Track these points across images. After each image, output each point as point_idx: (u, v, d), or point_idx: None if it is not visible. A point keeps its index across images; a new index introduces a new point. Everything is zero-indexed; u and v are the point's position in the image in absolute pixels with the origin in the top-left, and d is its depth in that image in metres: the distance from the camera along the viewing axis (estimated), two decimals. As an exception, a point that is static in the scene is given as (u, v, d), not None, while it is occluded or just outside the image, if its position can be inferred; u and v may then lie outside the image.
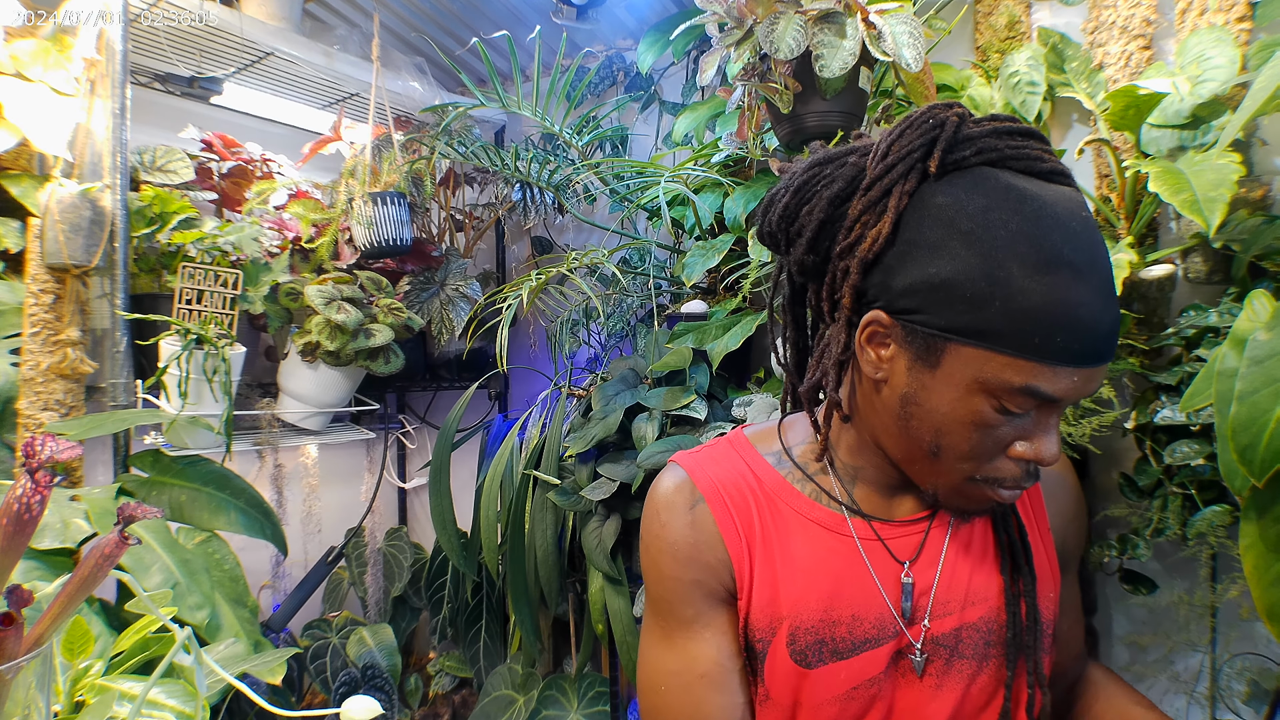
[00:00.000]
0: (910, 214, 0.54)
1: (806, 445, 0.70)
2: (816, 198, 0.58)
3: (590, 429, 1.32)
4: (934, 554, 0.65)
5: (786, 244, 0.62)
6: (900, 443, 0.59)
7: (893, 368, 0.56)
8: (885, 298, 0.55)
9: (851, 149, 0.59)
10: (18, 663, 0.40)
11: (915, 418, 0.56)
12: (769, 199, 0.62)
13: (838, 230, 0.57)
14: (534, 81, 1.50)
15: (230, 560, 1.15)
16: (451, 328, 1.77)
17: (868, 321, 0.56)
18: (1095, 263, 0.50)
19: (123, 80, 1.22)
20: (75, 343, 1.18)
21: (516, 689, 1.65)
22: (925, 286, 0.52)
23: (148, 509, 0.48)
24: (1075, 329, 0.49)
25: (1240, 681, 1.14)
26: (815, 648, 0.62)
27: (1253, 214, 1.07)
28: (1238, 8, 1.10)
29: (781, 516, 0.66)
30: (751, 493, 0.67)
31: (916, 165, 0.54)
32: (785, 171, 0.63)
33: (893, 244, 0.54)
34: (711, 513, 0.66)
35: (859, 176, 0.57)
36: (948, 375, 0.53)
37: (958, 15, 1.35)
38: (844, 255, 0.57)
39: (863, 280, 0.56)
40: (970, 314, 0.50)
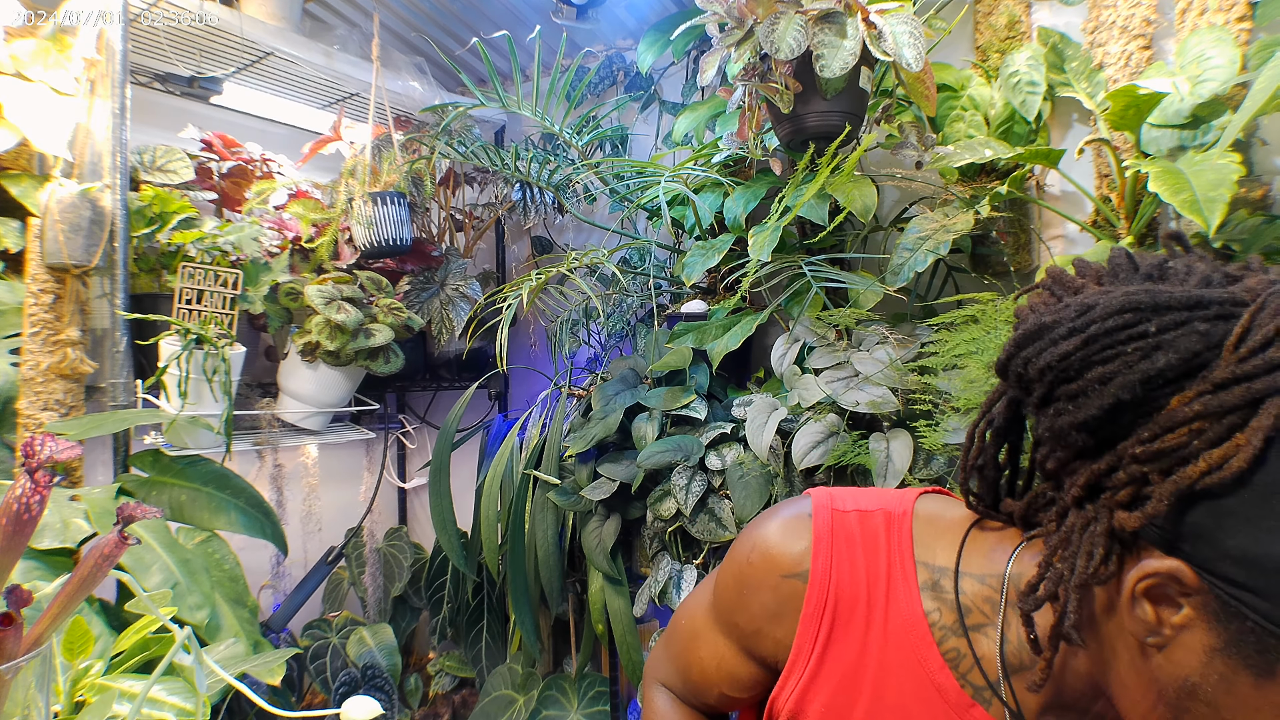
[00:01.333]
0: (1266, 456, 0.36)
1: (987, 585, 0.52)
2: (1123, 366, 0.40)
3: (590, 429, 1.32)
4: None
5: (1045, 400, 0.44)
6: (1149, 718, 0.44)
7: (1179, 640, 0.40)
8: (1202, 550, 0.39)
9: (1198, 301, 0.40)
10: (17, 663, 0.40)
11: (1197, 717, 0.41)
12: (1036, 328, 0.44)
13: (1141, 419, 0.40)
14: (534, 81, 1.50)
15: (230, 560, 1.15)
16: (451, 328, 1.77)
17: (1159, 571, 0.40)
18: None
19: (123, 80, 1.22)
20: (75, 343, 1.18)
21: (516, 689, 1.65)
22: (1266, 562, 0.36)
23: (147, 509, 0.48)
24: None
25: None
26: None
27: (1253, 214, 1.07)
28: (1238, 8, 1.10)
29: (892, 659, 0.53)
30: (869, 611, 0.54)
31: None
32: (1064, 288, 0.46)
33: (1244, 484, 0.37)
34: (805, 600, 0.55)
35: (1205, 355, 0.39)
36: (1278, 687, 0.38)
37: (958, 15, 1.35)
38: (1147, 460, 0.40)
39: (1171, 509, 0.39)
40: None
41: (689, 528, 1.19)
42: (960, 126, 1.28)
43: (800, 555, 0.56)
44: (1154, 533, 0.40)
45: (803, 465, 1.08)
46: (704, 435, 1.22)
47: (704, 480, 1.19)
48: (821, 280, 1.19)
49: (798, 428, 1.13)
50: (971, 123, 1.28)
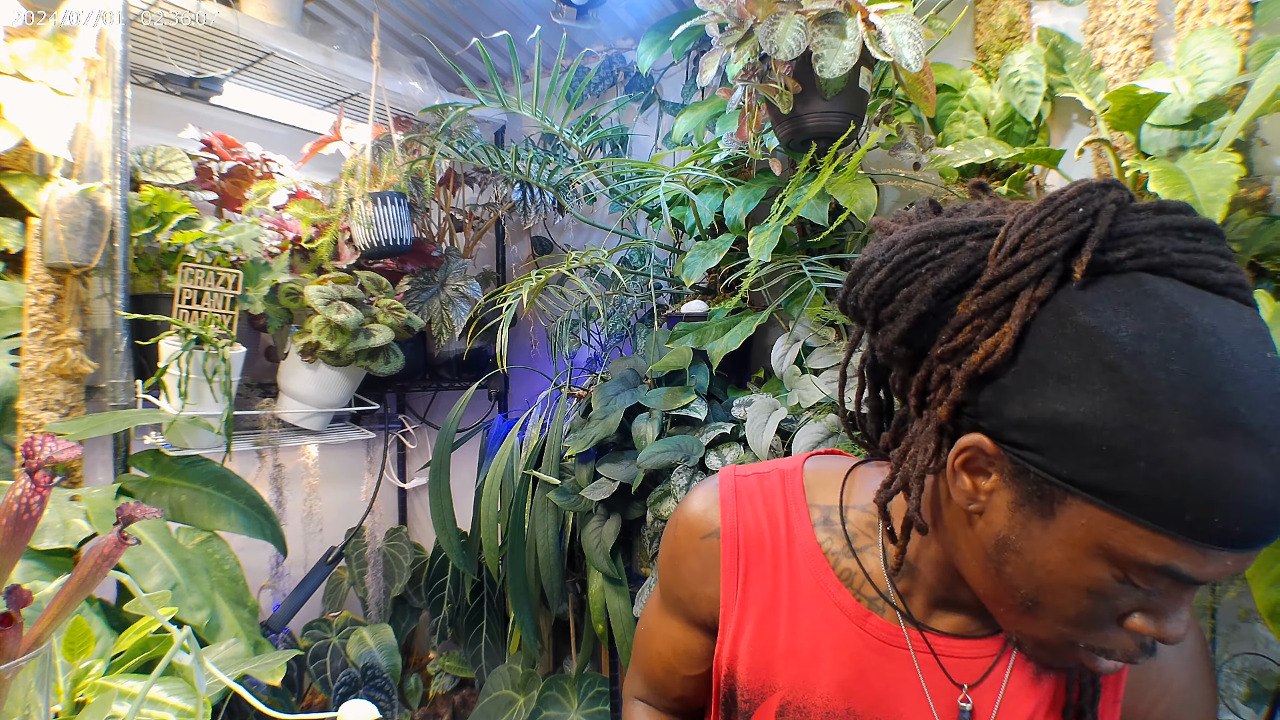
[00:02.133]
0: (1040, 327, 0.43)
1: (866, 511, 0.62)
2: (919, 283, 0.47)
3: (590, 429, 1.32)
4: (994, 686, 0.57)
5: (874, 325, 0.51)
6: (987, 584, 0.51)
7: (991, 502, 0.47)
8: (993, 422, 0.45)
9: (971, 225, 0.48)
10: (17, 663, 0.40)
11: (1012, 565, 0.47)
12: (859, 267, 0.52)
13: (940, 326, 0.48)
14: (534, 81, 1.50)
15: (230, 560, 1.15)
16: (451, 328, 1.77)
17: (967, 446, 0.47)
18: (1275, 429, 0.39)
19: (123, 80, 1.22)
20: (75, 343, 1.18)
21: (516, 689, 1.65)
22: (1049, 425, 0.42)
23: (147, 509, 0.48)
24: (1241, 510, 0.39)
25: (1240, 682, 1.14)
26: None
27: (1253, 214, 1.07)
28: (1238, 8, 1.10)
29: (800, 586, 0.61)
30: (774, 551, 0.62)
31: (1055, 266, 0.43)
32: (883, 232, 0.53)
33: (1013, 362, 0.44)
34: (720, 553, 0.64)
35: (977, 266, 0.46)
36: (1063, 531, 0.44)
37: (958, 15, 1.35)
38: (946, 359, 0.47)
39: (966, 393, 0.46)
40: (1105, 470, 0.41)
41: (689, 528, 1.19)
42: (960, 127, 1.28)
43: (712, 517, 0.65)
44: (965, 421, 0.48)
45: (803, 465, 1.07)
46: (704, 435, 1.22)
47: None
48: (821, 280, 1.19)
49: (798, 428, 1.13)
50: (971, 123, 1.28)
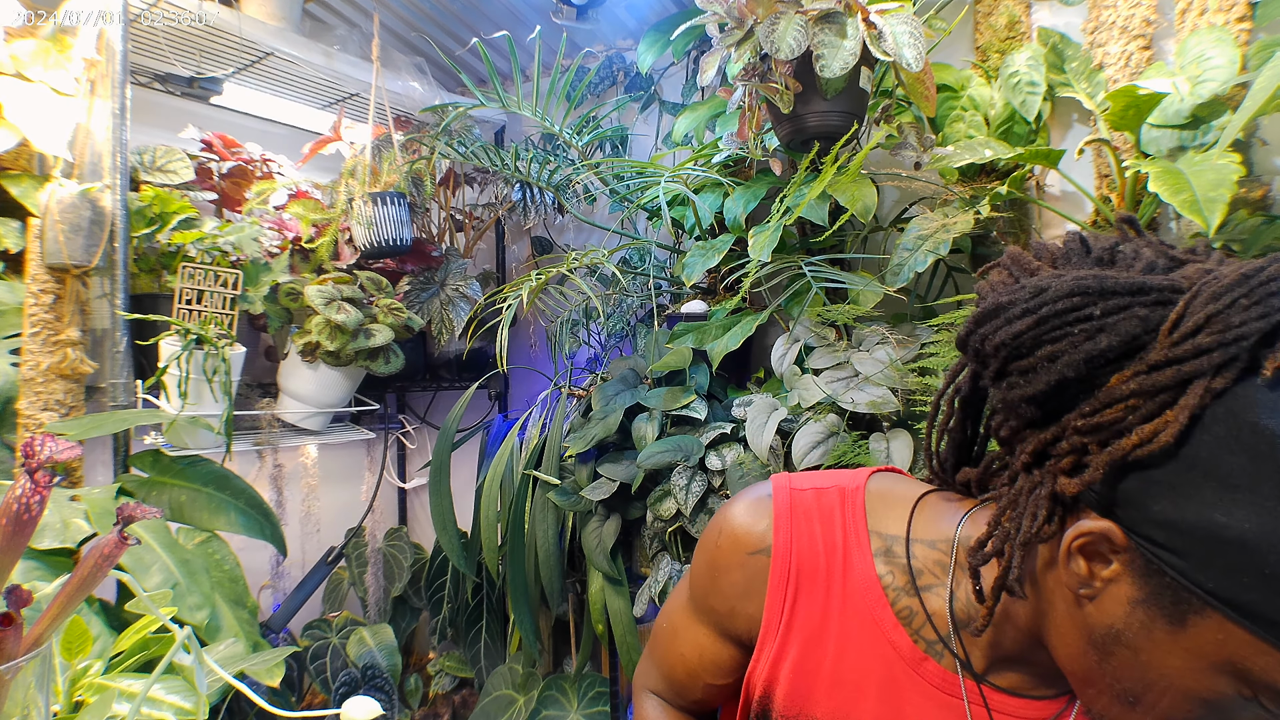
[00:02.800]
0: (1210, 423, 0.39)
1: (937, 549, 0.57)
2: (1069, 343, 0.43)
3: (590, 429, 1.32)
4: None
5: (998, 374, 0.47)
6: (1085, 669, 0.47)
7: (1108, 591, 0.44)
8: (1131, 515, 0.42)
9: (1140, 286, 0.43)
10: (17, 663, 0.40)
11: (1120, 659, 0.44)
12: (994, 308, 0.47)
13: (1083, 394, 0.44)
14: (534, 81, 1.50)
15: (230, 560, 1.15)
16: (451, 328, 1.77)
17: (1093, 531, 0.43)
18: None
19: (123, 80, 1.22)
20: (75, 343, 1.18)
21: (516, 689, 1.65)
22: (1202, 532, 0.39)
23: (147, 509, 0.48)
24: None
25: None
26: None
27: (1253, 214, 1.07)
28: (1238, 8, 1.10)
29: (851, 618, 0.57)
30: (828, 577, 0.59)
31: (1242, 356, 0.39)
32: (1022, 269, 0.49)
33: (1172, 456, 0.40)
34: (770, 572, 0.60)
35: (1143, 339, 0.42)
36: (1192, 641, 0.41)
37: (958, 15, 1.35)
38: (1087, 433, 0.43)
39: (1106, 477, 0.43)
40: (1260, 593, 0.37)
41: (689, 528, 1.19)
42: (960, 127, 1.28)
43: (763, 533, 0.60)
44: (1091, 497, 0.44)
45: (803, 465, 1.08)
46: (704, 435, 1.22)
47: (704, 480, 1.19)
48: (821, 280, 1.19)
49: (798, 428, 1.13)
50: (971, 123, 1.28)
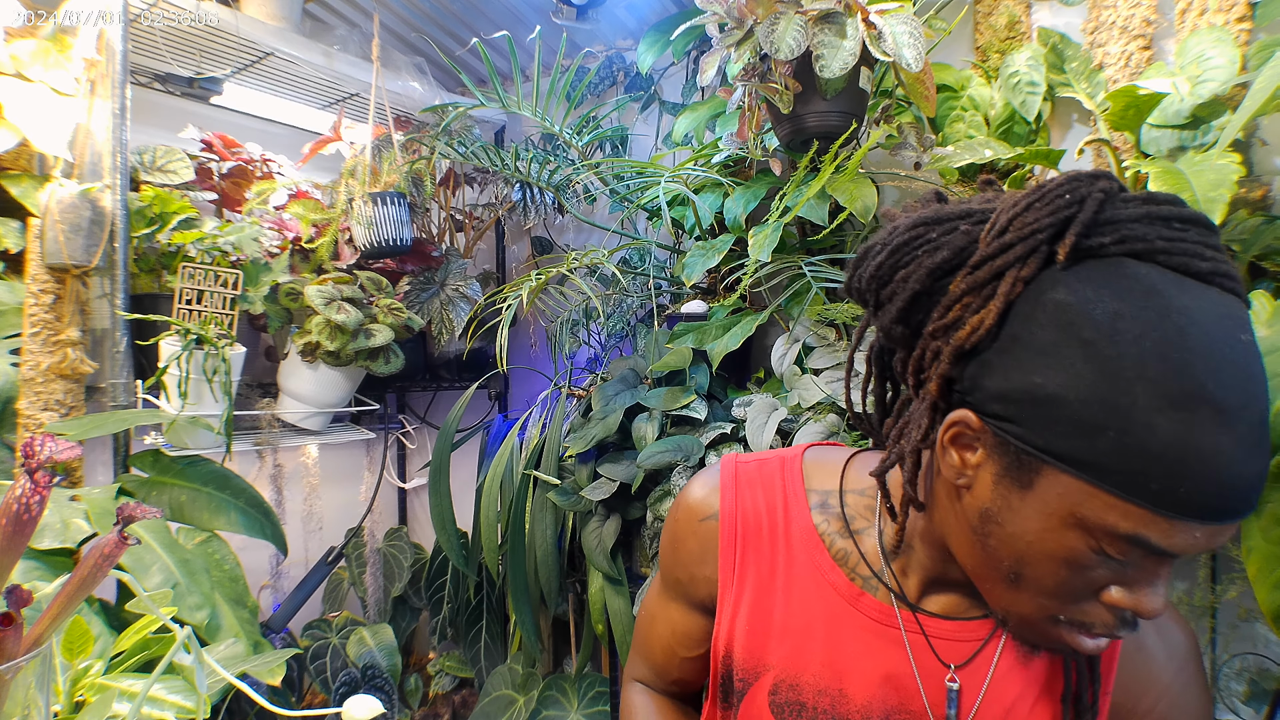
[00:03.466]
0: (1023, 305, 0.46)
1: (865, 495, 0.64)
2: (915, 264, 0.50)
3: (590, 429, 1.32)
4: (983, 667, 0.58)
5: (875, 306, 0.54)
6: (974, 558, 0.52)
7: (977, 476, 0.49)
8: (977, 397, 0.48)
9: (967, 212, 0.51)
10: (17, 663, 0.40)
11: (995, 538, 0.49)
12: (863, 252, 0.55)
13: (934, 305, 0.50)
14: (534, 81, 1.50)
15: (230, 560, 1.15)
16: (451, 328, 1.77)
17: (954, 420, 0.49)
18: (1248, 402, 0.41)
19: (123, 80, 1.22)
20: (75, 343, 1.18)
21: (516, 689, 1.65)
22: (1027, 396, 0.44)
23: (147, 509, 0.48)
24: (1207, 481, 0.41)
25: (1240, 681, 1.14)
26: (794, 709, 0.61)
27: (1253, 214, 1.07)
28: (1238, 8, 1.10)
29: (795, 568, 0.63)
30: (771, 533, 0.65)
31: (1040, 248, 0.46)
32: (889, 220, 0.56)
33: (996, 337, 0.46)
34: (719, 535, 0.66)
35: (969, 249, 0.49)
36: (1040, 501, 0.46)
37: (958, 15, 1.35)
38: (937, 336, 0.50)
39: (954, 369, 0.49)
40: (1077, 440, 0.43)
41: (689, 528, 1.19)
42: (960, 127, 1.28)
43: (711, 500, 0.67)
44: (955, 397, 0.50)
45: (803, 465, 1.07)
46: (704, 435, 1.22)
47: (704, 480, 1.19)
48: (821, 280, 1.19)
49: (798, 428, 1.13)
50: (971, 123, 1.28)
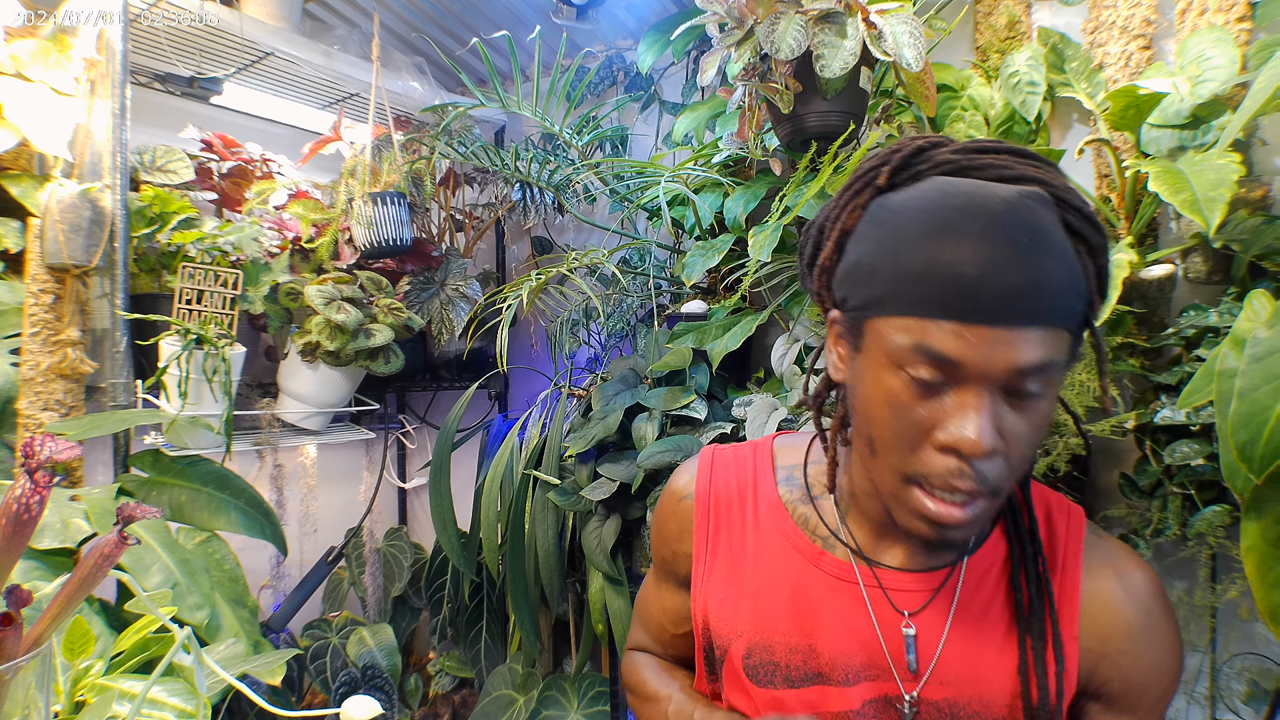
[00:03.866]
0: (858, 224, 0.56)
1: (823, 465, 0.69)
2: (809, 229, 0.62)
3: (590, 429, 1.32)
4: (940, 613, 0.61)
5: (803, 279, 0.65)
6: (859, 448, 0.58)
7: (851, 369, 0.57)
8: (834, 298, 0.58)
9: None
10: (17, 663, 0.40)
11: (856, 412, 0.56)
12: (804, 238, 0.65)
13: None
14: (534, 81, 1.50)
15: (230, 560, 1.15)
16: (451, 328, 1.77)
17: (830, 321, 0.59)
18: (997, 230, 0.48)
19: (123, 80, 1.22)
20: (75, 343, 1.18)
21: (516, 689, 1.65)
22: (847, 273, 0.55)
23: (147, 509, 0.48)
24: (954, 282, 0.48)
25: (1240, 681, 1.14)
26: (770, 670, 0.64)
27: (1253, 214, 1.07)
28: (1238, 8, 1.10)
29: (764, 537, 0.67)
30: (742, 507, 0.70)
31: (871, 183, 0.56)
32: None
33: (840, 250, 0.57)
34: (693, 513, 0.72)
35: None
36: (866, 356, 0.54)
37: (958, 15, 1.35)
38: (810, 266, 0.61)
39: (825, 289, 0.59)
40: (870, 286, 0.52)
41: (689, 528, 1.19)
42: (960, 126, 1.28)
43: (689, 482, 0.73)
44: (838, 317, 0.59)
45: (803, 465, 1.07)
46: (704, 435, 1.22)
47: (704, 480, 1.19)
48: (821, 280, 1.18)
49: (798, 427, 1.13)
50: (971, 123, 1.28)
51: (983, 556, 0.62)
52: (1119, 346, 1.12)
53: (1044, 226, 0.50)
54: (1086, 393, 1.04)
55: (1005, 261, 0.48)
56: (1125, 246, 1.04)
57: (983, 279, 0.48)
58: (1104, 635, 0.60)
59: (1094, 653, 0.60)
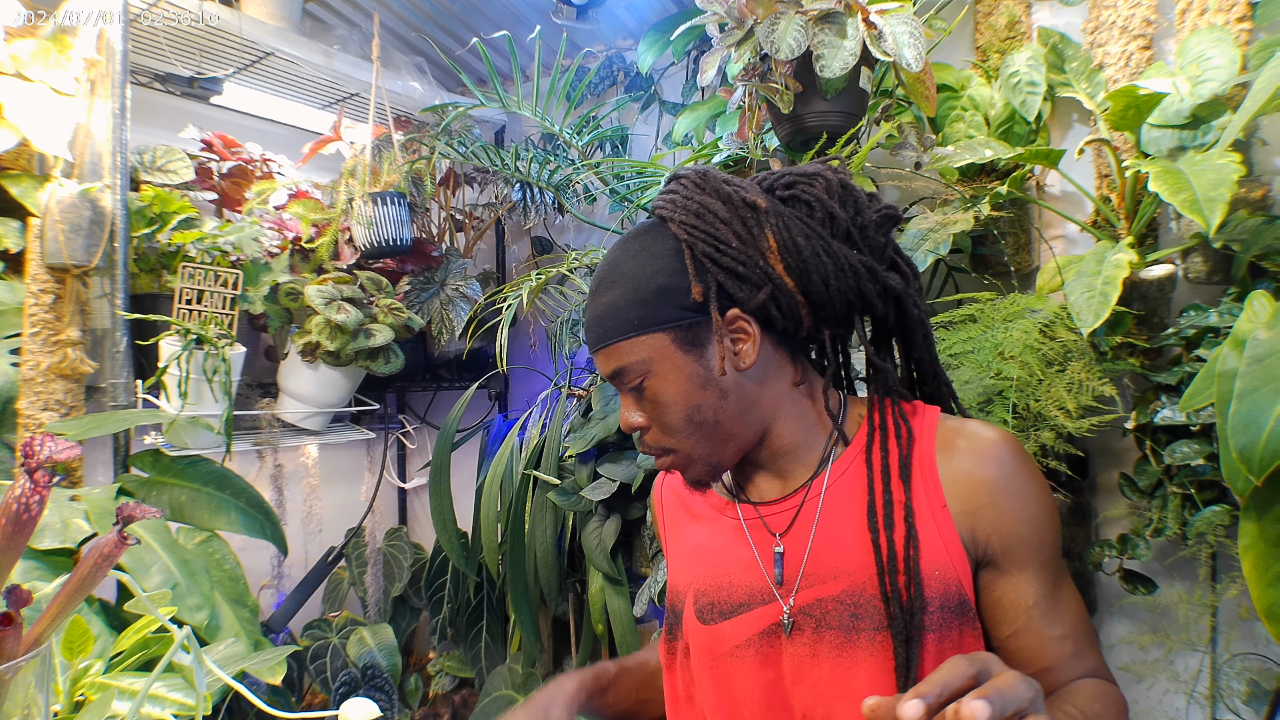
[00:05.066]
0: None
1: None
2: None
3: (590, 429, 1.32)
4: (805, 527, 0.69)
5: None
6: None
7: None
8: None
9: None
10: (17, 662, 0.40)
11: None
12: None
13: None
14: (534, 81, 1.50)
15: (230, 560, 1.15)
16: (451, 328, 1.77)
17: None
18: (600, 274, 0.68)
19: (123, 80, 1.22)
20: (75, 343, 1.18)
21: (516, 689, 1.65)
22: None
23: (147, 509, 0.48)
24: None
25: (1240, 681, 1.14)
26: (709, 608, 0.72)
27: (1253, 214, 1.07)
28: (1238, 8, 1.10)
29: (696, 502, 0.78)
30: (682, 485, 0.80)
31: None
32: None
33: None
34: (654, 494, 0.87)
35: None
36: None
37: (958, 15, 1.35)
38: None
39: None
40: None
41: (689, 528, 1.19)
42: (960, 126, 1.28)
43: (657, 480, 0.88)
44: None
45: (803, 465, 1.07)
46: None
47: (704, 480, 1.19)
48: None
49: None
50: (971, 123, 1.28)
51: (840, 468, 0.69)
52: (1119, 346, 1.12)
53: (621, 260, 0.67)
54: (1085, 391, 1.04)
55: (589, 306, 0.68)
56: (1125, 246, 1.04)
57: (586, 323, 0.70)
58: (967, 495, 0.64)
59: (965, 514, 0.64)
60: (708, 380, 0.66)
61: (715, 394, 0.66)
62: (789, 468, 0.71)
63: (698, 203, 0.65)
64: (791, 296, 0.64)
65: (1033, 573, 0.65)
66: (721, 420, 0.67)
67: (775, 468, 0.71)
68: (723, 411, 0.67)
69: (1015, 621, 0.65)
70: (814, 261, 0.64)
